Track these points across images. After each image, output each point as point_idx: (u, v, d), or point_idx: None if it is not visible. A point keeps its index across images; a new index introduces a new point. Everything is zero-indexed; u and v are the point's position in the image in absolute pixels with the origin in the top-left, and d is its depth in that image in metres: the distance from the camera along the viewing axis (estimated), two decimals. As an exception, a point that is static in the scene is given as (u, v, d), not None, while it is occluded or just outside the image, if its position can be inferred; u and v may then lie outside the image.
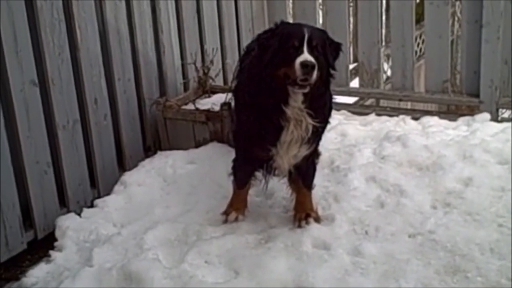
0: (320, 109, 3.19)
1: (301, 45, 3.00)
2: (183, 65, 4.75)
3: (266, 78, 3.08)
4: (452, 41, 5.39)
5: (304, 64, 2.93)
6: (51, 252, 3.47)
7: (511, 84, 4.85)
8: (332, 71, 3.18)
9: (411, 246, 3.24)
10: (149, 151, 4.49)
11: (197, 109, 4.40)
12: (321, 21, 5.85)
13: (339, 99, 4.37)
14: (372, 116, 5.03)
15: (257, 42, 3.20)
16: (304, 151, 3.28)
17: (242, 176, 3.55)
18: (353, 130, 4.66)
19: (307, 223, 3.41)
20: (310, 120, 3.14)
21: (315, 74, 2.96)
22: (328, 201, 3.66)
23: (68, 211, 3.81)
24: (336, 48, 3.21)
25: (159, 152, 4.41)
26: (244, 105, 3.33)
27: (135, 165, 4.26)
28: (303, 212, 3.46)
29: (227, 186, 3.66)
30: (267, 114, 3.13)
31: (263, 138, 3.21)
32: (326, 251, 3.20)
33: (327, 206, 3.62)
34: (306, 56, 2.96)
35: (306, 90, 3.03)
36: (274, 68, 3.04)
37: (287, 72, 2.99)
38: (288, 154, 3.25)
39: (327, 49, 3.11)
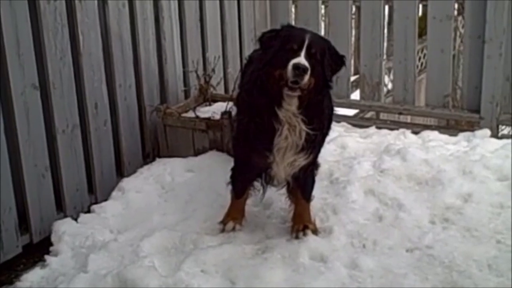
0: (317, 117, 3.18)
1: (300, 49, 3.01)
2: (184, 73, 4.75)
3: (262, 77, 3.11)
4: (453, 56, 5.38)
5: (296, 66, 2.95)
6: (46, 256, 3.45)
7: (512, 101, 4.86)
8: (329, 82, 3.18)
9: (408, 260, 3.22)
10: (148, 158, 4.48)
11: (197, 117, 4.39)
12: (323, 33, 5.86)
13: (339, 111, 4.40)
14: (372, 129, 5.02)
15: (260, 40, 3.22)
16: (301, 161, 3.26)
17: (240, 185, 3.54)
18: (353, 142, 4.65)
19: (305, 234, 3.39)
20: (303, 127, 3.14)
21: (306, 78, 2.96)
22: (326, 213, 3.65)
23: (65, 216, 3.79)
24: (337, 60, 3.20)
25: (157, 159, 4.41)
26: (243, 106, 3.34)
27: (134, 172, 4.25)
28: (301, 224, 3.44)
29: (225, 195, 3.64)
30: (261, 115, 3.14)
31: (258, 140, 3.19)
32: (323, 264, 3.19)
33: (325, 218, 3.60)
34: (300, 59, 2.97)
35: (296, 94, 3.03)
36: (271, 68, 3.06)
37: (281, 74, 3.01)
38: (284, 161, 3.23)
39: (326, 58, 3.10)
